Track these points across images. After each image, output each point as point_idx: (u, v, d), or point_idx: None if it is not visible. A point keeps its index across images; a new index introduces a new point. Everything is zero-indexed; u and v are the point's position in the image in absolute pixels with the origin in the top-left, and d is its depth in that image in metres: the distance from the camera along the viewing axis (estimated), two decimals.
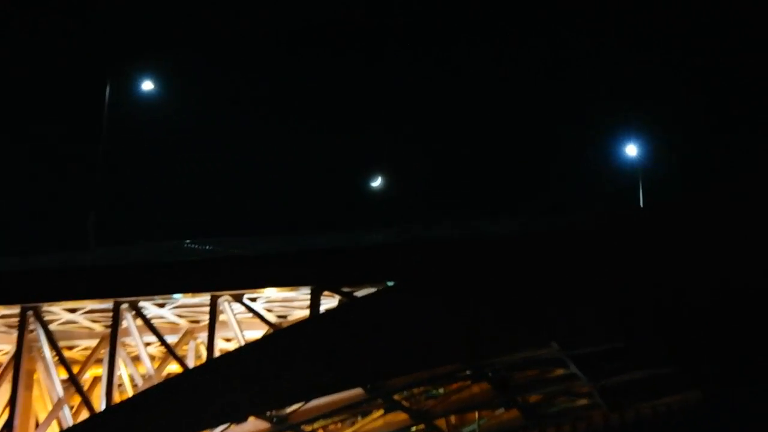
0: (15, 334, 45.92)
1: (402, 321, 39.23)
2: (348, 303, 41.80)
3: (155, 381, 45.44)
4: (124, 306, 44.65)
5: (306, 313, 43.30)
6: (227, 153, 79.87)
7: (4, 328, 48.56)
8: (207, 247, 43.95)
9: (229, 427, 44.43)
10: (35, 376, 48.20)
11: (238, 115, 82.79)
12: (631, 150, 54.42)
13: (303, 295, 43.33)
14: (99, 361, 47.47)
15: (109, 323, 45.35)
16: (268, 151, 78.91)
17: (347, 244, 42.37)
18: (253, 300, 44.56)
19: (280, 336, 42.92)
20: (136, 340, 45.88)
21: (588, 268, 38.77)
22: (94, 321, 48.55)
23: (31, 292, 45.21)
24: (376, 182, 64.33)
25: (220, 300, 43.53)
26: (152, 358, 48.17)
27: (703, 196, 39.94)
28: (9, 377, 46.13)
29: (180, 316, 48.62)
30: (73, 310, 46.94)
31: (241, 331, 44.27)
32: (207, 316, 44.35)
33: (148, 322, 45.09)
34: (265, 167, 78.71)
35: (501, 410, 52.51)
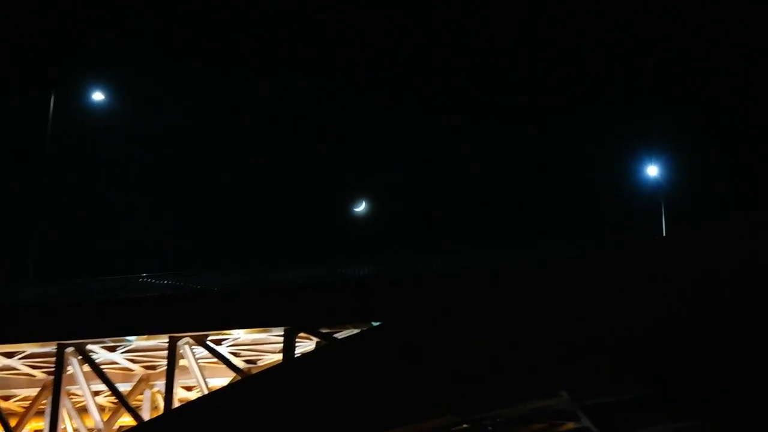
0: None
1: (389, 367, 36.61)
2: (327, 346, 40.41)
3: None
4: (69, 350, 43.19)
5: (279, 357, 42.23)
6: (188, 175, 75.58)
7: None
8: (164, 282, 42.48)
9: None
10: None
11: (200, 135, 78.52)
12: (653, 170, 54.71)
13: (275, 336, 42.11)
14: (40, 412, 46.34)
15: (52, 369, 43.87)
16: (235, 173, 74.86)
17: (326, 278, 41.00)
18: (218, 343, 43.43)
19: (249, 384, 40.91)
20: (83, 388, 44.14)
21: (603, 305, 35.95)
22: (35, 367, 46.98)
23: None
24: (360, 207, 61.31)
25: (179, 343, 42.02)
26: (101, 409, 47.12)
27: (735, 220, 37.26)
28: None
29: (134, 361, 47.13)
30: (9, 355, 45.29)
31: (204, 379, 42.86)
32: (165, 361, 42.77)
33: (96, 368, 43.46)
34: (231, 191, 74.39)
35: None
